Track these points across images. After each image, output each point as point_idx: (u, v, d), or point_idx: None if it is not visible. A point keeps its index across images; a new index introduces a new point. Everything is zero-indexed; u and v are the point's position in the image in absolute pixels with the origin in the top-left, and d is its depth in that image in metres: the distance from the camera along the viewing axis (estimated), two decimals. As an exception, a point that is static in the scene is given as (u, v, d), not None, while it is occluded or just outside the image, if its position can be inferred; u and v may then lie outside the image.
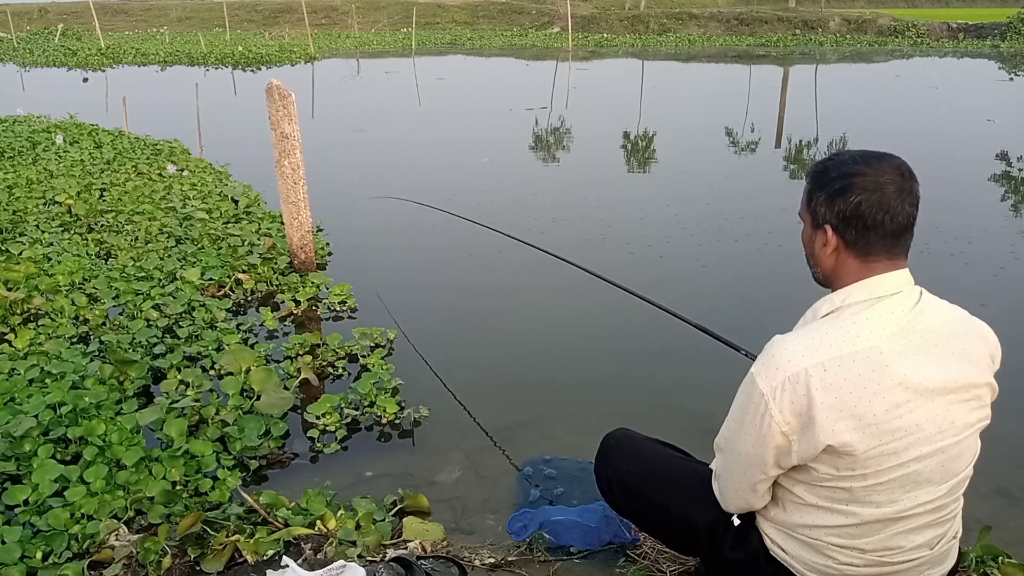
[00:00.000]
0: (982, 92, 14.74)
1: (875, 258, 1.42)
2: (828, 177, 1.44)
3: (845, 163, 1.43)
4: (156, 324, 3.83)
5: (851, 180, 1.40)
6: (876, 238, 1.40)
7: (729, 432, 1.52)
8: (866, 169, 1.40)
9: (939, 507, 1.46)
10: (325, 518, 2.31)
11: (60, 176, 6.60)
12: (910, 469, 1.40)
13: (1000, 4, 33.45)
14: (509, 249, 5.44)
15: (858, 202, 1.39)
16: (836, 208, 1.41)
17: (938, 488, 1.44)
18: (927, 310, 1.42)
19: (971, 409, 1.43)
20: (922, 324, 1.40)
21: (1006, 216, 6.24)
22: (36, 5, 36.32)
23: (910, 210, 1.40)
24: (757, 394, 1.41)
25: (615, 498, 1.91)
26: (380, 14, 33.68)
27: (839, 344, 1.37)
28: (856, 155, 1.44)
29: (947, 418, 1.40)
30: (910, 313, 1.40)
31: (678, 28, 29.20)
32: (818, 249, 1.48)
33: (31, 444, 2.61)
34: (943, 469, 1.43)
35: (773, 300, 4.41)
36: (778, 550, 1.56)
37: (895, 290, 1.41)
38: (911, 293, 1.43)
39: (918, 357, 1.38)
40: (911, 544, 1.47)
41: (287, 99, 4.34)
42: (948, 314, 1.44)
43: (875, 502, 1.42)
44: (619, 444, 1.92)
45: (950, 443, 1.41)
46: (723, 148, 9.29)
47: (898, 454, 1.38)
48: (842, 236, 1.42)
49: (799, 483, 1.48)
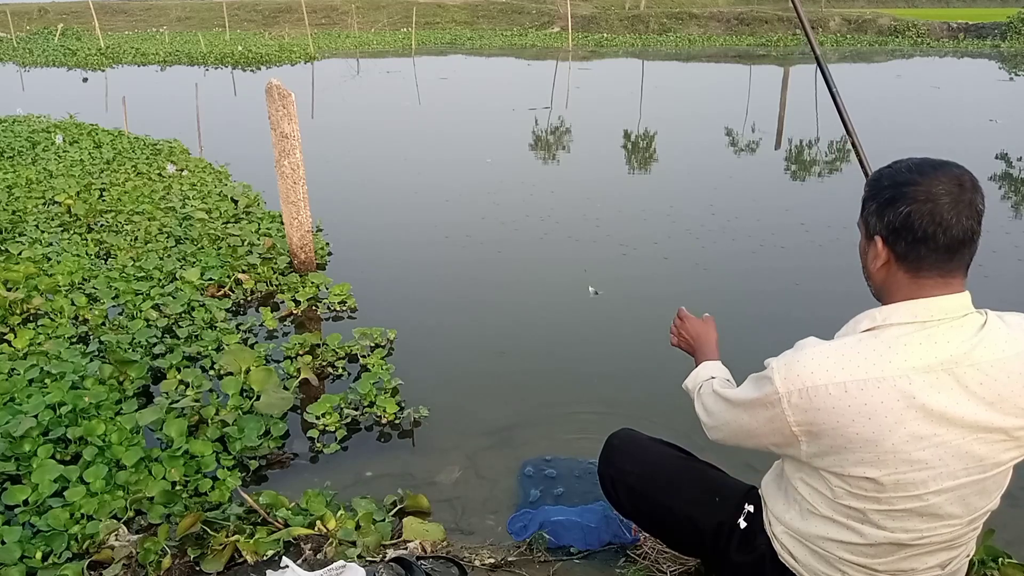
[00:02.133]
0: (983, 92, 14.73)
1: (926, 275, 1.33)
2: (880, 186, 1.37)
3: (899, 172, 1.36)
4: (156, 324, 3.83)
5: (902, 190, 1.33)
6: (927, 252, 1.31)
7: (737, 404, 1.51)
8: (919, 179, 1.32)
9: (956, 536, 1.43)
10: (325, 518, 2.31)
11: (60, 176, 6.60)
12: (928, 502, 1.35)
13: (1000, 4, 33.44)
14: (509, 249, 5.46)
15: (907, 212, 1.31)
16: (886, 219, 1.34)
17: (959, 521, 1.40)
18: (983, 344, 1.31)
19: (1005, 449, 1.35)
20: (971, 359, 1.30)
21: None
22: (36, 5, 36.31)
23: (968, 224, 1.30)
24: (772, 389, 1.38)
25: (619, 499, 1.90)
26: (380, 14, 33.66)
27: (868, 367, 1.31)
28: (912, 163, 1.37)
29: (975, 456, 1.33)
30: (961, 347, 1.30)
31: (678, 28, 29.19)
32: (870, 261, 1.41)
33: (31, 444, 2.60)
34: (964, 503, 1.38)
35: (774, 300, 4.42)
36: (787, 556, 1.54)
37: (943, 316, 1.31)
38: (969, 322, 1.33)
39: (954, 393, 1.29)
40: (924, 566, 1.45)
41: (287, 99, 4.33)
42: (1006, 350, 1.32)
43: (889, 528, 1.39)
44: (623, 445, 1.92)
45: (975, 479, 1.35)
46: (723, 148, 9.29)
47: (915, 485, 1.34)
48: (892, 249, 1.35)
49: (817, 493, 1.45)
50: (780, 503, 1.56)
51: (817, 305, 4.24)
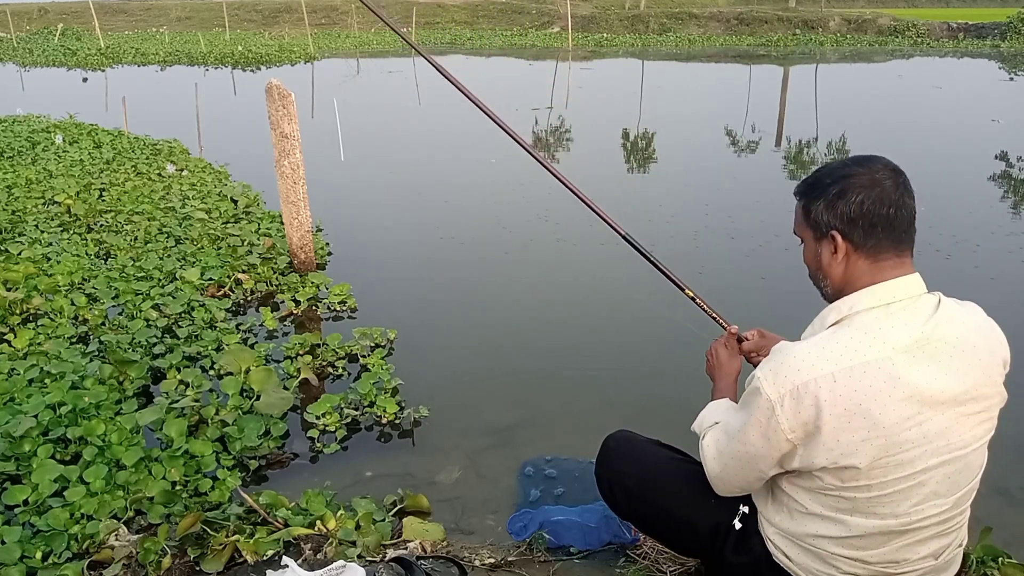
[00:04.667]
0: (984, 92, 14.73)
1: (884, 257, 1.40)
2: (823, 184, 1.44)
3: (836, 169, 1.45)
4: (156, 324, 3.83)
5: (848, 181, 1.40)
6: (884, 235, 1.39)
7: (734, 432, 1.50)
8: (860, 169, 1.41)
9: (945, 520, 1.45)
10: (325, 518, 2.31)
11: (59, 176, 6.60)
12: (916, 481, 1.38)
13: (1000, 4, 33.44)
14: (509, 249, 5.46)
15: (860, 200, 1.38)
16: (839, 211, 1.40)
17: (945, 501, 1.42)
18: (945, 320, 1.38)
19: (980, 421, 1.41)
20: (939, 335, 1.36)
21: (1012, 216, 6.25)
22: (36, 5, 36.31)
23: (910, 203, 1.40)
24: (763, 399, 1.39)
25: (616, 501, 1.90)
26: (380, 14, 33.63)
27: (850, 354, 1.34)
28: (844, 160, 1.46)
29: (955, 431, 1.37)
30: (928, 323, 1.36)
31: (678, 28, 29.19)
32: (826, 260, 1.45)
33: (31, 444, 2.60)
34: (949, 482, 1.41)
35: (774, 300, 4.42)
36: (782, 556, 1.55)
37: (904, 296, 1.38)
38: (927, 300, 1.40)
39: (932, 368, 1.35)
40: (916, 556, 1.46)
41: (287, 99, 4.33)
42: (965, 323, 1.40)
43: (879, 514, 1.40)
44: (619, 447, 1.91)
45: (958, 455, 1.39)
46: (723, 147, 9.29)
47: (903, 466, 1.37)
48: (850, 239, 1.41)
49: (803, 490, 1.46)
50: (769, 505, 1.57)
51: (821, 305, 4.24)
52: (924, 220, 1.45)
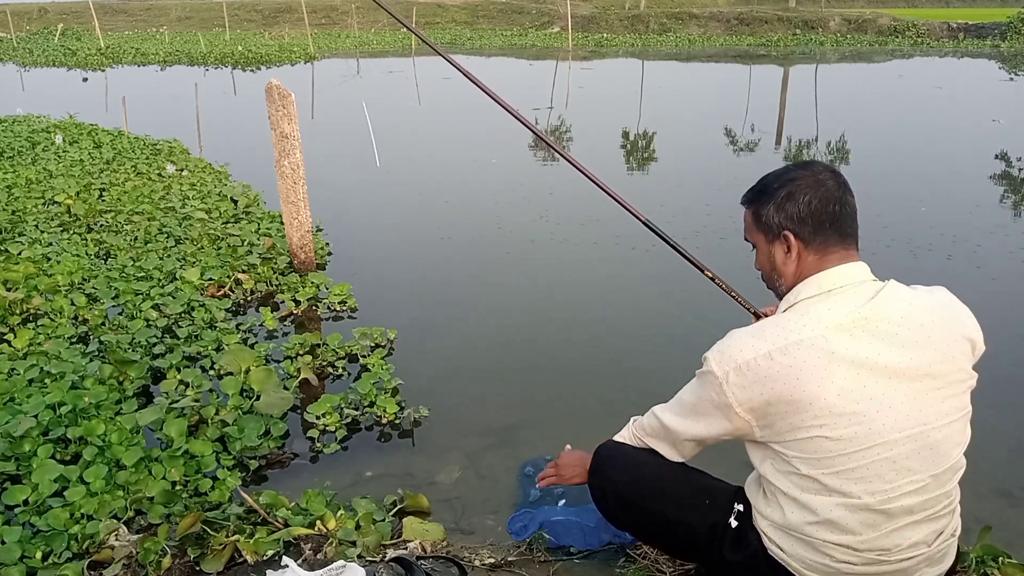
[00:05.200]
0: (985, 92, 14.73)
1: (832, 251, 1.51)
2: (771, 189, 1.56)
3: (780, 175, 1.57)
4: (156, 324, 3.83)
5: (795, 184, 1.52)
6: (832, 230, 1.50)
7: (685, 401, 1.62)
8: (804, 172, 1.53)
9: (928, 501, 1.46)
10: (325, 518, 2.31)
11: (59, 176, 6.60)
12: (879, 456, 1.41)
13: (1000, 4, 33.44)
14: (509, 250, 5.46)
15: (808, 200, 1.50)
16: (789, 212, 1.52)
17: (920, 478, 1.44)
18: (887, 301, 1.45)
19: (944, 398, 1.45)
20: (879, 314, 1.43)
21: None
22: (36, 5, 36.31)
23: (851, 200, 1.53)
24: (711, 377, 1.50)
25: (611, 510, 1.89)
26: (380, 14, 33.64)
27: (786, 333, 1.44)
28: (786, 167, 1.58)
29: (914, 405, 1.42)
30: (867, 305, 1.44)
31: (678, 28, 29.19)
32: (780, 260, 1.56)
33: (31, 444, 2.60)
34: (919, 457, 1.43)
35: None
36: (776, 549, 1.56)
37: (845, 282, 1.47)
38: (869, 286, 1.48)
39: (873, 344, 1.41)
40: (907, 542, 1.47)
41: (287, 99, 4.33)
42: (912, 304, 1.46)
43: (854, 493, 1.43)
44: (611, 455, 1.90)
45: (922, 430, 1.42)
46: (723, 147, 9.29)
47: (859, 439, 1.41)
48: (801, 237, 1.52)
49: (782, 475, 1.51)
50: (760, 499, 1.60)
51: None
52: (924, 220, 1.46)
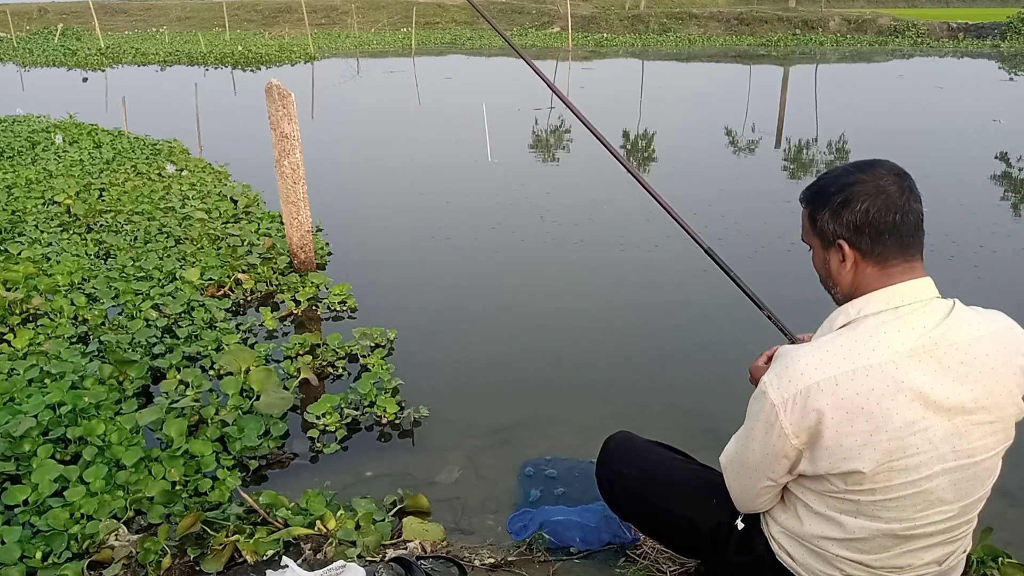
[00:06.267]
0: (985, 92, 14.73)
1: (893, 263, 1.38)
2: (827, 193, 1.42)
3: (839, 176, 1.43)
4: (155, 324, 3.83)
5: (852, 190, 1.38)
6: (892, 241, 1.37)
7: (740, 440, 1.50)
8: (863, 176, 1.39)
9: (951, 527, 1.43)
10: (325, 518, 2.31)
11: (59, 176, 6.60)
12: (921, 488, 1.36)
13: (1000, 4, 33.43)
14: (510, 250, 5.46)
15: (865, 209, 1.37)
16: (844, 220, 1.39)
17: (950, 508, 1.40)
18: (956, 325, 1.35)
19: (992, 432, 1.38)
20: (948, 340, 1.34)
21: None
22: (36, 5, 36.28)
23: (917, 207, 1.38)
24: (768, 404, 1.38)
25: (617, 502, 1.90)
26: (380, 14, 33.66)
27: (854, 357, 1.33)
28: (848, 166, 1.44)
29: (963, 439, 1.35)
30: (937, 329, 1.34)
31: (678, 28, 29.18)
32: (835, 268, 1.44)
33: (31, 444, 2.60)
34: (956, 489, 1.39)
35: (779, 301, 4.41)
36: (785, 556, 1.55)
37: (913, 299, 1.36)
38: (938, 305, 1.37)
39: (938, 374, 1.32)
40: (920, 562, 1.45)
41: (287, 99, 4.33)
42: (979, 330, 1.36)
43: (884, 518, 1.39)
44: (620, 447, 1.91)
45: (965, 463, 1.37)
46: (724, 147, 9.29)
47: (908, 471, 1.35)
48: (857, 247, 1.40)
49: (809, 491, 1.46)
50: (775, 505, 1.56)
51: (827, 306, 4.24)
52: (925, 221, 1.44)
